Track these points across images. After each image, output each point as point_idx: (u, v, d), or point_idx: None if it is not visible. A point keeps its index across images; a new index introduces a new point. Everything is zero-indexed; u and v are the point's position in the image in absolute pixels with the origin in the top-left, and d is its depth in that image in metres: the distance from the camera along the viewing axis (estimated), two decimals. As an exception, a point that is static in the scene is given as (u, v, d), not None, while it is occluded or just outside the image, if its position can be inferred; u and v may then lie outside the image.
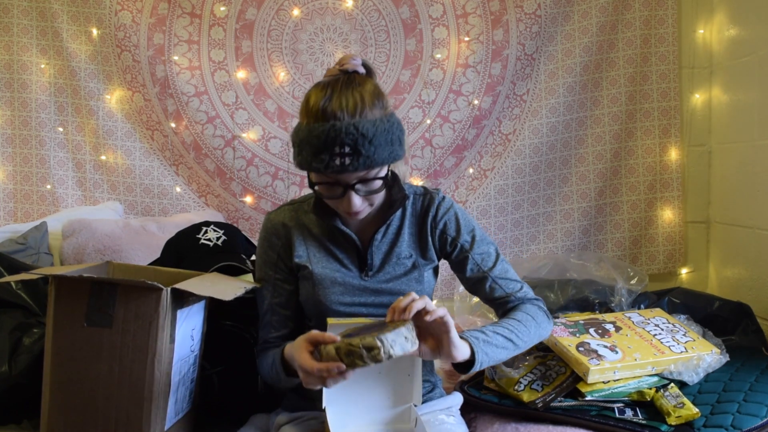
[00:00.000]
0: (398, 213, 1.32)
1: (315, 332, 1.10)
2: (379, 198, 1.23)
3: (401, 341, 1.03)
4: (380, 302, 1.28)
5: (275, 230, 1.33)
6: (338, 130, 1.10)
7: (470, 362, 1.16)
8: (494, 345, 1.20)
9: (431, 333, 1.13)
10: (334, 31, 2.35)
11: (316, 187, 1.20)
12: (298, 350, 1.10)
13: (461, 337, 1.15)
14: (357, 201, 1.17)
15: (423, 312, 1.08)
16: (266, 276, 1.34)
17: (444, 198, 1.34)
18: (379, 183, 1.18)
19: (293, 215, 1.33)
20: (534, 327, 1.28)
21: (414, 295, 1.10)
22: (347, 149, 1.10)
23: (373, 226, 1.31)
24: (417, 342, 1.07)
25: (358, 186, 1.16)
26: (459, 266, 1.34)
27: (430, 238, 1.32)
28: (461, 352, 1.13)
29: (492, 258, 1.33)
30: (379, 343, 1.00)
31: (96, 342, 1.15)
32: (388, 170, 1.20)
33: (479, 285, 1.33)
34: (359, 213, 1.21)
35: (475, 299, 2.03)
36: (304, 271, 1.30)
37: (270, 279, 1.33)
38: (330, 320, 1.20)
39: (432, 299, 1.35)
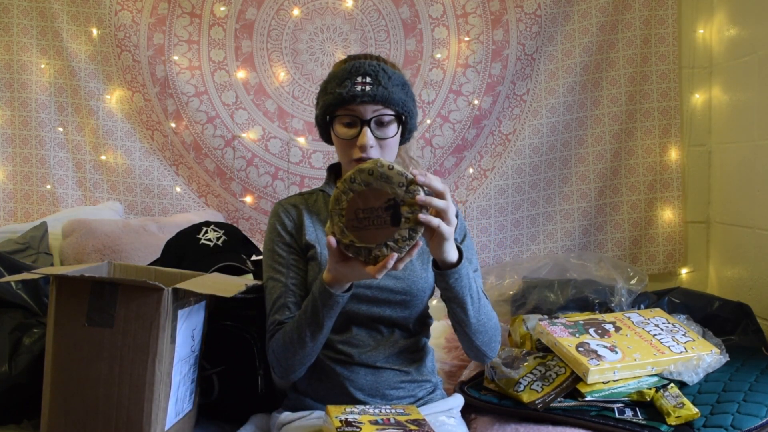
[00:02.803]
0: None
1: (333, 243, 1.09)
2: (389, 156, 1.29)
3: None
4: (385, 285, 1.30)
5: (287, 211, 1.37)
6: (363, 63, 1.28)
7: (451, 267, 1.19)
8: (470, 279, 1.22)
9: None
10: (334, 31, 2.35)
11: (335, 124, 1.28)
12: (342, 263, 1.11)
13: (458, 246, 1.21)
14: (370, 137, 1.25)
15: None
16: (280, 259, 1.34)
17: None
18: (392, 130, 1.28)
19: (303, 202, 1.40)
20: (493, 325, 1.31)
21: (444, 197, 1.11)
22: (369, 79, 1.25)
23: None
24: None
25: (372, 126, 1.26)
26: None
27: None
28: (449, 253, 1.17)
29: (474, 266, 1.37)
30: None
31: (97, 342, 1.15)
32: (402, 122, 1.29)
33: None
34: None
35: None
36: (312, 251, 1.32)
37: (284, 261, 1.33)
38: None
39: (432, 296, 1.36)
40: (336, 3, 2.34)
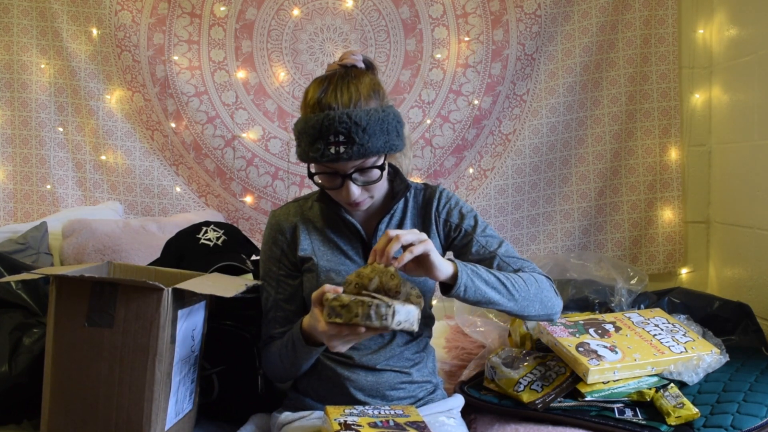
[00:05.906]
0: (401, 205, 1.36)
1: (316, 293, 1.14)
2: (380, 189, 1.26)
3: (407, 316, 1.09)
4: None
5: (279, 226, 1.36)
6: (332, 119, 1.14)
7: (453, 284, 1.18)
8: (482, 278, 1.20)
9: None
10: (334, 31, 2.35)
11: (316, 178, 1.23)
12: (316, 316, 1.13)
13: (449, 260, 1.19)
14: (355, 190, 1.21)
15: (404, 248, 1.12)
16: (270, 272, 1.36)
17: (444, 189, 1.38)
18: (376, 173, 1.22)
19: (298, 211, 1.37)
20: (535, 289, 1.26)
21: (389, 234, 1.13)
22: (341, 138, 1.14)
23: (377, 216, 1.34)
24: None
25: (355, 175, 1.20)
26: (464, 249, 1.34)
27: (434, 228, 1.35)
28: (443, 271, 1.16)
29: (497, 241, 1.34)
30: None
31: (97, 342, 1.15)
32: (385, 160, 1.22)
33: (486, 265, 1.30)
34: (360, 204, 1.25)
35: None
36: (308, 263, 1.32)
37: (274, 275, 1.35)
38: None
39: (433, 296, 1.36)
40: (336, 3, 2.34)
